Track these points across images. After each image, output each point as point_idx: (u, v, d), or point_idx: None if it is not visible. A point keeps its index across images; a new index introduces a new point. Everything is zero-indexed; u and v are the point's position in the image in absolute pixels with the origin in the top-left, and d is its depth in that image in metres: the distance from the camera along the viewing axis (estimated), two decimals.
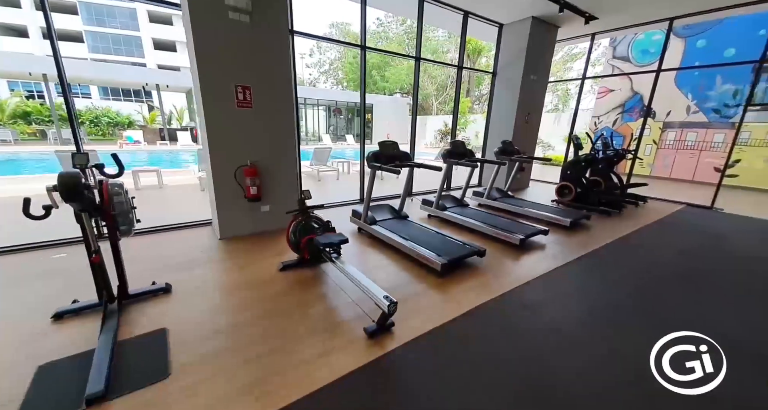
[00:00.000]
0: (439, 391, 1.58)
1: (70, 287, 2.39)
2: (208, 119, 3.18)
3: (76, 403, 1.43)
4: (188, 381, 1.58)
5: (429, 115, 23.23)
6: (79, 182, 1.68)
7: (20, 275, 2.59)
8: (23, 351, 1.74)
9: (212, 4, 2.93)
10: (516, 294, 2.54)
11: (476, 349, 1.90)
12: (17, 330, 1.91)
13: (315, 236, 2.68)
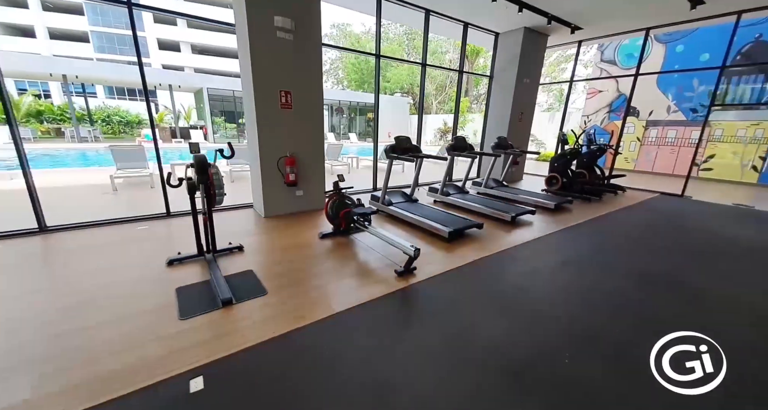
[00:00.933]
0: (448, 307, 2.35)
1: (163, 246, 3.15)
2: (259, 119, 3.93)
3: (213, 305, 2.19)
4: (279, 296, 2.35)
5: (428, 114, 24.01)
6: (206, 161, 2.44)
7: (122, 239, 3.34)
8: (159, 281, 2.50)
9: (265, 27, 3.68)
10: (507, 252, 3.32)
11: (475, 284, 2.68)
12: (147, 271, 2.67)
13: (350, 209, 3.45)
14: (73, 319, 2.00)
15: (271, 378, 1.62)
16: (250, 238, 3.47)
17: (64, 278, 2.55)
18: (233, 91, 18.71)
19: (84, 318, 2.01)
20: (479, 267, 2.96)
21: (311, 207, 4.60)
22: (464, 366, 1.72)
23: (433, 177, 6.91)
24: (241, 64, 4.07)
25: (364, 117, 24.16)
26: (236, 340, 1.85)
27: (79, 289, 2.36)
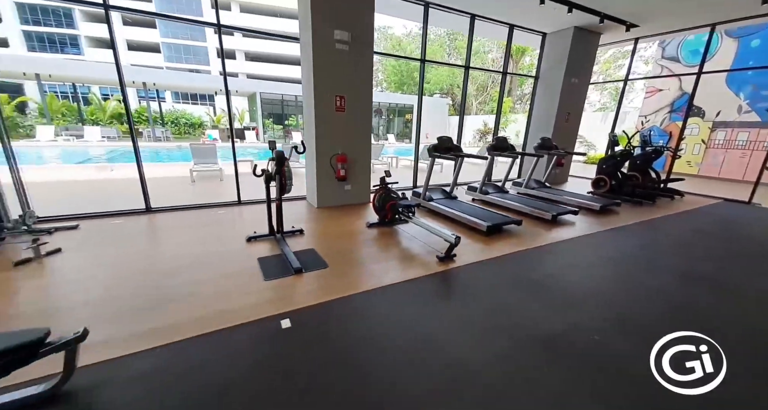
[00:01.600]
0: (485, 289, 2.64)
1: (240, 227, 3.80)
2: (317, 120, 4.49)
3: (287, 272, 2.70)
4: (337, 270, 2.81)
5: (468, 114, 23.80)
6: (284, 156, 2.99)
7: (208, 220, 4.07)
8: (243, 252, 3.10)
9: (326, 41, 4.22)
10: (545, 247, 3.50)
11: (512, 272, 2.93)
12: (233, 244, 3.29)
13: (396, 202, 3.86)
14: (185, 275, 2.62)
15: (338, 325, 2.06)
16: (308, 224, 4.02)
17: (172, 246, 3.26)
18: (282, 94, 20.25)
19: (193, 275, 2.62)
20: (516, 259, 3.19)
21: (358, 201, 5.09)
22: (498, 332, 2.02)
23: (472, 177, 7.08)
24: (303, 71, 4.67)
25: (402, 118, 24.60)
26: (309, 297, 2.33)
27: (184, 254, 3.02)
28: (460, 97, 26.25)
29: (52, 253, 2.84)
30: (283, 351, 1.80)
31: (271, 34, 5.13)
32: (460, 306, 2.33)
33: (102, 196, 5.14)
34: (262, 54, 30.51)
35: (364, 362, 1.74)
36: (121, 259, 2.88)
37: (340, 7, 4.19)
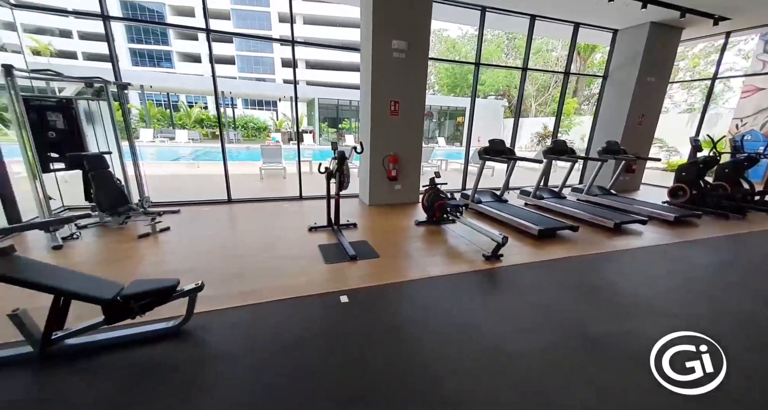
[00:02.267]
0: (531, 287, 2.68)
1: (302, 218, 4.29)
2: (372, 124, 4.85)
3: (344, 258, 3.05)
4: (388, 259, 3.08)
5: (526, 117, 22.65)
6: (345, 155, 3.38)
7: (276, 211, 4.67)
8: (306, 239, 3.54)
9: (384, 50, 4.57)
10: (603, 255, 3.37)
11: (562, 275, 2.91)
12: (297, 232, 3.77)
13: (444, 202, 4.02)
14: (261, 254, 3.12)
15: (389, 305, 2.33)
16: (360, 220, 4.38)
17: (249, 230, 3.86)
18: (337, 99, 21.52)
19: (267, 254, 3.11)
20: (568, 263, 3.14)
21: (407, 201, 5.34)
22: (540, 327, 2.09)
23: (526, 183, 6.87)
24: (361, 78, 5.09)
25: (453, 121, 24.33)
26: (364, 280, 2.63)
27: (259, 237, 3.57)
28: (517, 98, 25.05)
29: (164, 230, 3.58)
30: (342, 320, 2.11)
31: (335, 47, 5.67)
32: (503, 301, 2.44)
33: (193, 188, 6.15)
34: (321, 62, 32.66)
35: (410, 337, 1.97)
36: (213, 238, 3.52)
37: (399, 19, 4.51)
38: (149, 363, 1.69)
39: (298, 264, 2.90)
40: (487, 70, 25.46)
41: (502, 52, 26.23)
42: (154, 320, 1.91)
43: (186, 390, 1.52)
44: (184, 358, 1.74)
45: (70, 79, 3.43)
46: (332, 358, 1.76)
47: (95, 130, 3.95)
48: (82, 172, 3.64)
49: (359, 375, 1.65)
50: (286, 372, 1.65)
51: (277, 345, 1.84)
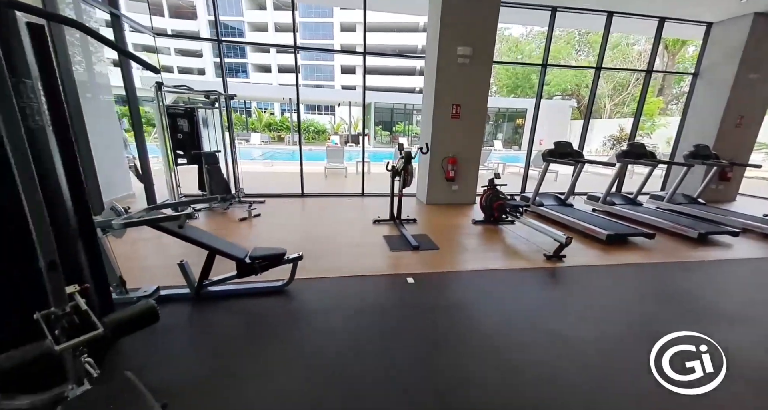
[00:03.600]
0: (591, 287, 2.74)
1: (366, 212, 4.77)
2: (434, 126, 5.17)
3: (407, 248, 3.41)
4: (447, 251, 3.36)
5: (599, 118, 20.83)
6: (411, 155, 3.76)
7: (342, 206, 5.25)
8: (371, 231, 3.99)
9: (449, 56, 4.86)
10: (681, 264, 3.21)
11: (627, 278, 2.89)
12: (363, 224, 4.25)
13: (503, 202, 4.16)
14: (334, 239, 3.64)
15: (450, 288, 2.62)
16: (419, 216, 4.70)
17: (322, 220, 4.45)
18: (393, 104, 22.29)
19: (339, 240, 3.62)
20: (639, 269, 3.09)
21: (464, 201, 5.53)
22: (603, 321, 2.19)
23: (595, 189, 6.54)
24: (425, 83, 5.45)
25: (512, 123, 23.41)
26: (427, 267, 2.96)
27: (331, 226, 4.12)
28: (588, 99, 23.21)
29: (257, 216, 4.34)
30: (411, 295, 2.47)
31: (402, 55, 6.13)
32: (563, 296, 2.56)
33: (271, 183, 7.11)
34: (379, 67, 33.91)
35: (471, 315, 2.24)
36: (295, 224, 4.18)
37: (466, 25, 4.77)
38: (264, 309, 2.24)
39: (367, 250, 3.34)
40: (553, 69, 24.04)
41: (573, 49, 24.50)
42: (267, 280, 2.47)
43: (290, 329, 2.01)
44: (289, 308, 2.26)
45: (196, 92, 4.39)
46: (404, 322, 2.13)
47: (207, 132, 4.93)
48: (197, 166, 4.60)
49: (428, 333, 1.98)
50: (366, 327, 2.06)
51: (359, 308, 2.27)
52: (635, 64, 19.34)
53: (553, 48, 24.50)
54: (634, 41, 20.59)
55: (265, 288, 2.42)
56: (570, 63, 23.07)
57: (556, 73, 23.75)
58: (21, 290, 1.26)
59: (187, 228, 2.20)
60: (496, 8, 4.86)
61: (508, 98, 25.59)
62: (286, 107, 23.35)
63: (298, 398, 1.50)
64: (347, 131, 22.38)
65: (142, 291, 2.20)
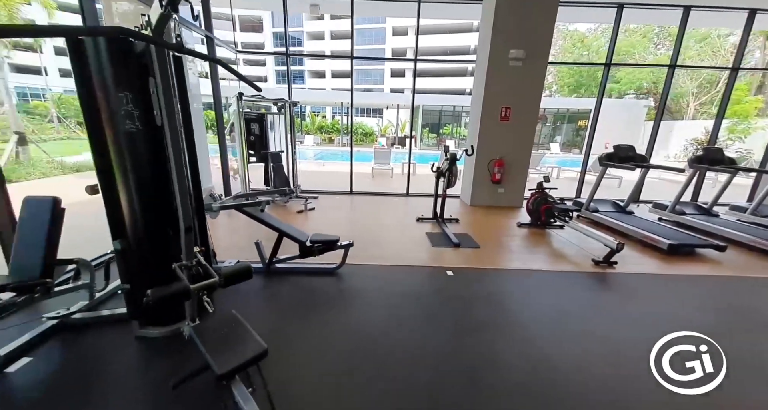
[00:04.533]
0: (640, 293, 2.65)
1: (409, 210, 5.03)
2: (481, 129, 5.25)
3: (449, 244, 3.60)
4: (488, 250, 3.47)
5: (679, 119, 18.51)
6: (456, 157, 3.95)
7: (387, 204, 5.57)
8: (414, 227, 4.24)
9: (501, 59, 4.92)
10: (748, 279, 2.94)
11: (689, 289, 2.74)
12: (406, 221, 4.52)
13: (551, 205, 4.12)
14: (381, 232, 3.95)
15: (488, 283, 2.76)
16: (462, 216, 4.83)
17: (369, 215, 4.81)
18: (441, 106, 22.28)
19: (385, 233, 3.92)
20: (703, 281, 2.90)
21: (509, 204, 5.50)
22: (651, 328, 2.17)
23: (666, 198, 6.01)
24: (474, 85, 5.55)
25: (573, 125, 21.85)
26: (466, 262, 3.13)
27: (377, 221, 4.46)
28: (668, 97, 20.62)
29: (311, 210, 4.87)
30: (449, 286, 2.67)
31: (452, 60, 6.30)
32: (609, 301, 2.55)
33: (323, 181, 7.74)
34: (429, 70, 34.01)
35: (509, 308, 2.37)
36: (345, 218, 4.62)
37: (520, 28, 4.79)
38: (319, 285, 2.62)
39: (409, 244, 3.60)
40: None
41: (651, 42, 22.11)
42: (322, 262, 2.87)
43: (339, 303, 2.36)
44: (340, 287, 2.61)
45: (268, 100, 5.07)
46: (441, 308, 2.34)
47: (273, 135, 5.62)
48: (264, 164, 5.28)
49: (463, 320, 2.18)
50: (405, 308, 2.32)
51: (401, 292, 2.54)
52: (729, 59, 16.87)
53: (626, 42, 22.41)
54: (728, 33, 17.96)
55: (320, 269, 2.82)
56: (646, 59, 20.86)
57: (628, 70, 21.66)
58: (165, 247, 1.76)
59: (262, 214, 2.68)
60: (554, 8, 4.81)
61: (570, 98, 23.96)
62: (337, 110, 24.67)
63: (340, 357, 1.82)
64: (394, 133, 22.87)
65: (227, 262, 2.73)
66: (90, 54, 1.50)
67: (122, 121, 1.55)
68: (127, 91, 1.53)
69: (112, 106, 1.54)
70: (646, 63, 14.78)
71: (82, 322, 1.93)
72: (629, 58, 21.10)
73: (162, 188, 1.71)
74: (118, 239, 1.71)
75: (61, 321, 1.87)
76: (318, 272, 2.80)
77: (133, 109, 1.55)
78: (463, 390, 1.59)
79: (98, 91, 1.54)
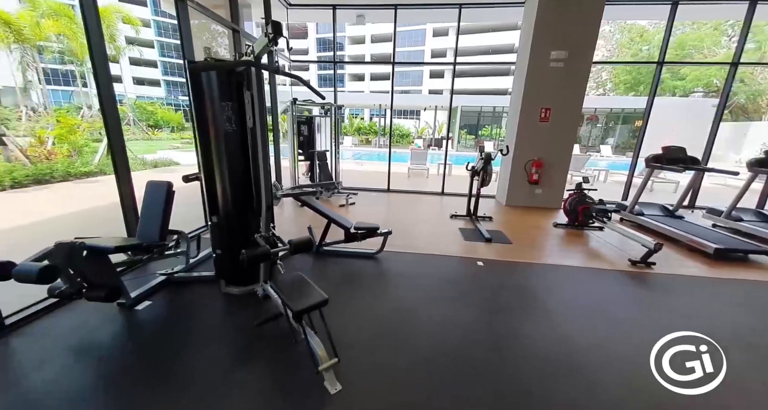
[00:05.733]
0: (677, 294, 2.69)
1: (443, 208, 5.28)
2: (519, 130, 5.36)
3: (480, 239, 3.82)
4: (521, 246, 3.64)
5: (757, 120, 16.54)
6: (491, 156, 4.16)
7: (423, 201, 5.88)
8: (448, 223, 4.50)
9: (542, 60, 5.02)
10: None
11: (727, 293, 2.72)
12: (440, 217, 4.80)
13: (589, 206, 4.16)
14: (417, 226, 4.28)
15: (517, 273, 2.97)
16: (496, 215, 4.99)
17: (405, 211, 5.16)
18: (480, 107, 22.01)
19: (421, 227, 4.24)
20: (749, 286, 2.84)
21: (546, 205, 5.53)
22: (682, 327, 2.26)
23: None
24: (513, 86, 5.67)
25: (629, 126, 20.43)
26: (497, 255, 3.35)
27: (413, 216, 4.79)
28: (744, 96, 18.41)
29: (352, 204, 5.33)
30: (480, 275, 2.93)
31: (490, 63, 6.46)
32: (639, 297, 2.64)
33: (362, 179, 8.24)
34: (467, 70, 33.62)
35: (538, 297, 2.58)
36: (383, 212, 5.01)
37: (563, 29, 4.85)
38: (361, 267, 3.01)
39: (443, 237, 3.88)
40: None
41: (724, 35, 20.00)
42: (364, 247, 3.26)
43: (379, 283, 2.73)
44: (379, 270, 2.98)
45: (316, 104, 5.65)
46: (471, 292, 2.62)
47: (319, 135, 6.20)
48: (310, 162, 5.86)
49: (492, 303, 2.43)
50: (437, 289, 2.62)
51: (434, 275, 2.85)
52: None
53: (694, 36, 20.51)
54: None
55: (362, 253, 3.22)
56: (717, 54, 18.91)
57: (694, 67, 19.81)
58: (246, 223, 2.26)
59: (315, 202, 3.15)
60: (600, 8, 4.81)
61: (625, 97, 22.41)
62: (375, 112, 25.41)
63: (382, 320, 2.17)
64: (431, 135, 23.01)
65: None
66: (203, 74, 2.02)
67: (223, 123, 2.06)
68: (228, 101, 2.04)
69: (217, 113, 2.06)
70: (703, 61, 13.42)
71: (182, 280, 2.50)
72: (696, 53, 19.30)
73: (245, 176, 2.20)
74: (214, 215, 2.23)
75: (168, 277, 2.45)
76: (360, 255, 3.21)
77: (231, 114, 2.05)
78: (487, 353, 1.87)
79: (207, 101, 2.06)
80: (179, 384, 1.59)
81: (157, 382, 1.60)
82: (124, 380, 1.62)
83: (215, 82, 2.02)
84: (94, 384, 1.58)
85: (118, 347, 1.84)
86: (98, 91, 2.32)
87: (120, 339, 1.91)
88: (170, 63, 37.53)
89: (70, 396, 1.50)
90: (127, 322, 2.04)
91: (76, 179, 6.97)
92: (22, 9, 9.15)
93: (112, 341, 1.88)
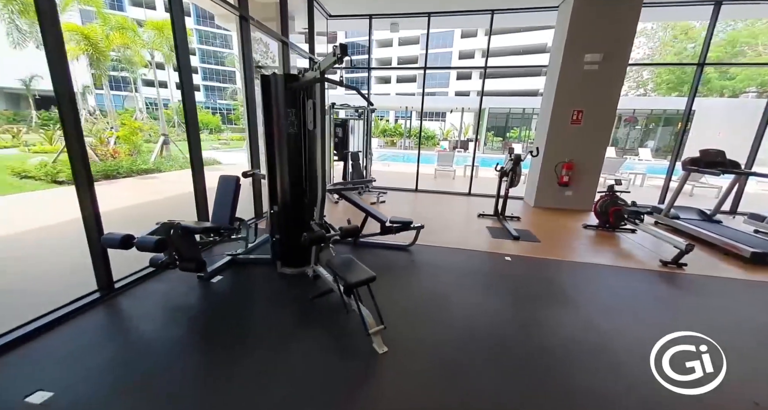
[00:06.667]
0: (709, 294, 2.75)
1: (470, 208, 5.46)
2: (549, 131, 5.44)
3: (508, 237, 3.99)
4: (548, 245, 3.77)
5: None
6: (520, 158, 4.32)
7: (450, 201, 6.09)
8: (476, 221, 4.69)
9: (575, 64, 5.08)
10: None
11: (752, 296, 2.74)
12: (468, 216, 4.99)
13: (621, 208, 4.20)
14: (446, 224, 4.50)
15: (544, 268, 3.13)
16: (524, 215, 5.10)
17: (434, 210, 5.39)
18: (509, 108, 21.71)
19: (450, 225, 4.46)
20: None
21: (577, 207, 5.56)
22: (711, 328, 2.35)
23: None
24: (545, 88, 5.74)
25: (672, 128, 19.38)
26: (524, 251, 3.52)
27: (441, 215, 5.01)
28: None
29: (383, 202, 5.64)
30: (507, 269, 3.12)
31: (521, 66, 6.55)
32: (667, 295, 2.73)
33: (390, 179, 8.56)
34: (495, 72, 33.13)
35: (561, 291, 2.74)
36: (412, 210, 5.27)
37: (597, 32, 4.89)
38: (395, 257, 3.30)
39: (471, 235, 4.09)
40: (742, 60, 18.71)
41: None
42: (397, 240, 3.55)
43: (415, 271, 2.99)
44: (412, 260, 3.26)
45: (351, 107, 6.02)
46: (501, 282, 2.83)
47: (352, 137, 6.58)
48: (343, 162, 6.24)
49: (518, 293, 2.64)
50: (466, 279, 2.85)
51: (464, 267, 3.08)
52: None
53: (748, 32, 19.09)
54: None
55: (396, 246, 3.51)
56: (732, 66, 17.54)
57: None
58: (301, 212, 2.62)
59: (355, 197, 3.48)
60: (637, 10, 4.82)
61: (667, 98, 21.27)
62: (400, 114, 25.77)
63: (417, 303, 2.44)
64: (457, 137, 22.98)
65: None
66: (272, 84, 2.40)
67: (287, 126, 2.43)
68: (292, 107, 2.40)
69: (282, 117, 2.43)
70: (748, 62, 12.52)
71: (243, 261, 2.91)
72: (750, 51, 17.99)
73: (300, 172, 2.56)
74: (274, 205, 2.61)
75: (233, 258, 2.86)
76: (394, 247, 3.50)
77: (294, 119, 2.42)
78: (513, 333, 2.10)
79: (274, 108, 2.44)
80: (252, 341, 1.95)
81: (236, 339, 1.96)
82: (210, 335, 2.00)
83: (281, 91, 2.39)
84: (189, 338, 1.98)
85: (203, 310, 2.25)
86: (182, 98, 2.78)
87: (203, 304, 2.32)
88: (209, 69, 40.01)
89: (170, 344, 1.89)
90: (206, 291, 2.45)
91: (137, 175, 7.81)
92: (94, 23, 10.39)
93: (198, 305, 2.30)
